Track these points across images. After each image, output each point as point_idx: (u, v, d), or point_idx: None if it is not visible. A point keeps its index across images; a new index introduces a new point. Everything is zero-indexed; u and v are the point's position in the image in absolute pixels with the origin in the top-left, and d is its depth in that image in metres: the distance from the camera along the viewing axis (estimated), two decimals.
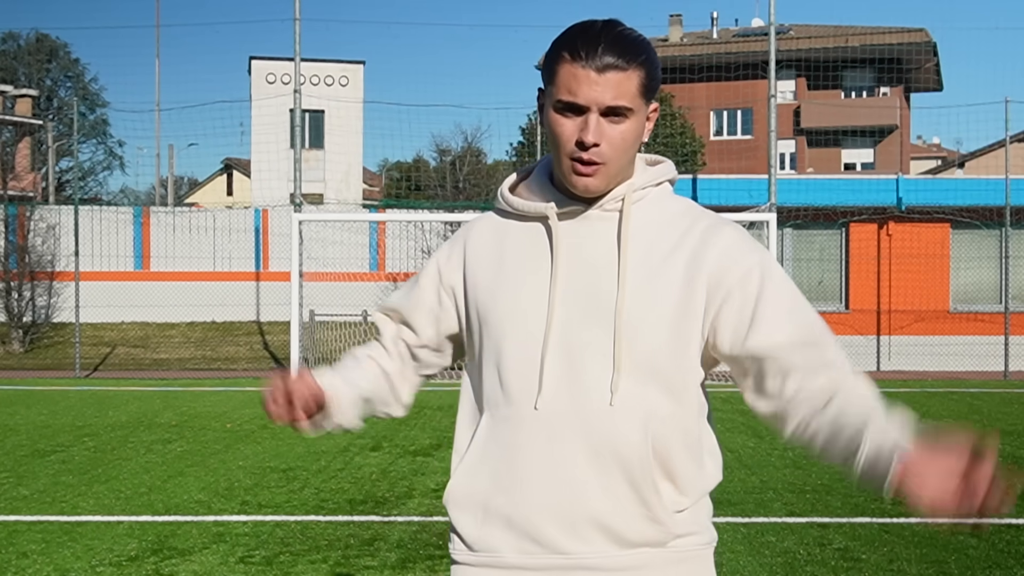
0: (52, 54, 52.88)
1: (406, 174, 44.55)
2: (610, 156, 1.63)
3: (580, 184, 1.65)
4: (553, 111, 1.64)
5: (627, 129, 1.63)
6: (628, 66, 1.61)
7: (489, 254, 1.76)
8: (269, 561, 5.29)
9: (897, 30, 40.64)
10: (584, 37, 1.62)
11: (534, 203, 1.73)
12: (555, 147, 1.66)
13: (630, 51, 1.61)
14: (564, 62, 1.62)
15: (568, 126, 1.63)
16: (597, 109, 1.61)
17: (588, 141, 1.61)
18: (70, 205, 20.62)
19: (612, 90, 1.60)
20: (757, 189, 16.18)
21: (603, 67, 1.59)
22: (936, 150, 63.49)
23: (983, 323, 16.96)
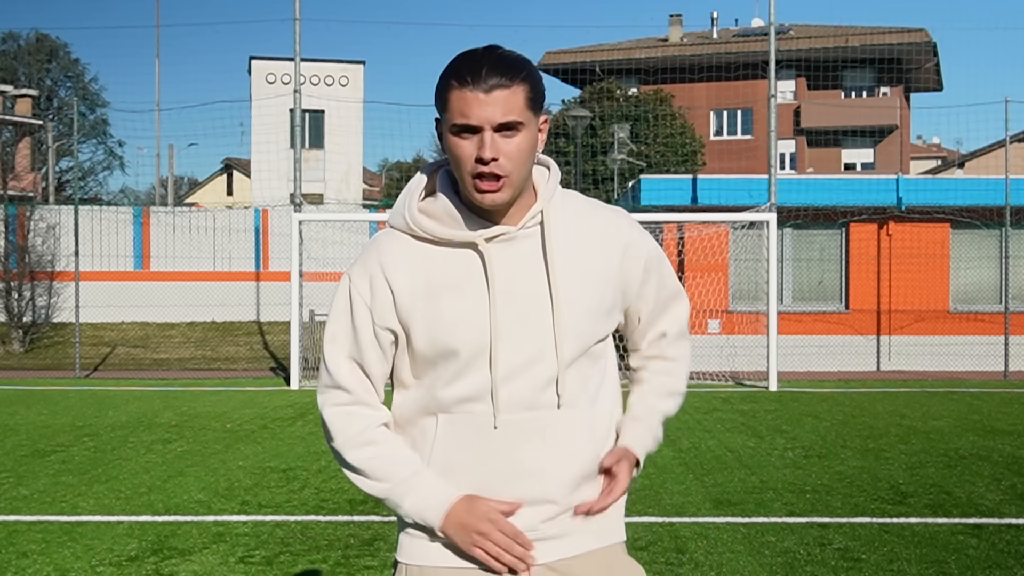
0: (52, 54, 52.86)
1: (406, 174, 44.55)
2: (509, 168, 1.75)
3: (487, 200, 1.76)
4: (451, 135, 1.76)
5: (521, 141, 1.75)
6: (512, 83, 1.73)
7: (414, 283, 1.83)
8: (269, 561, 5.29)
9: (897, 30, 40.64)
10: (468, 64, 1.74)
11: (460, 232, 1.82)
12: (457, 167, 1.77)
13: (512, 69, 1.74)
14: (453, 89, 1.74)
15: (466, 147, 1.75)
16: (490, 126, 1.73)
17: (487, 156, 1.72)
18: (70, 205, 20.62)
19: (500, 107, 1.72)
20: (757, 189, 16.17)
21: (489, 88, 1.72)
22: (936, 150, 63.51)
23: (983, 323, 16.96)
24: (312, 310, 16.53)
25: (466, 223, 1.82)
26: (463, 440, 1.83)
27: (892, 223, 17.18)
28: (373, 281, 1.85)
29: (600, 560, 1.90)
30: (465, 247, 1.83)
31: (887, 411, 11.55)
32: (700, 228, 16.64)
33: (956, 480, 7.43)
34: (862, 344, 17.18)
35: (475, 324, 1.80)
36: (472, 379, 1.82)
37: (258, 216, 22.75)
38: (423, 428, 1.88)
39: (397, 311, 1.84)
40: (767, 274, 14.57)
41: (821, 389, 14.09)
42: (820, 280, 17.54)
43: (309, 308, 16.17)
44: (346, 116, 34.89)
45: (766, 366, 14.35)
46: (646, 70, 41.16)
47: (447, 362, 1.82)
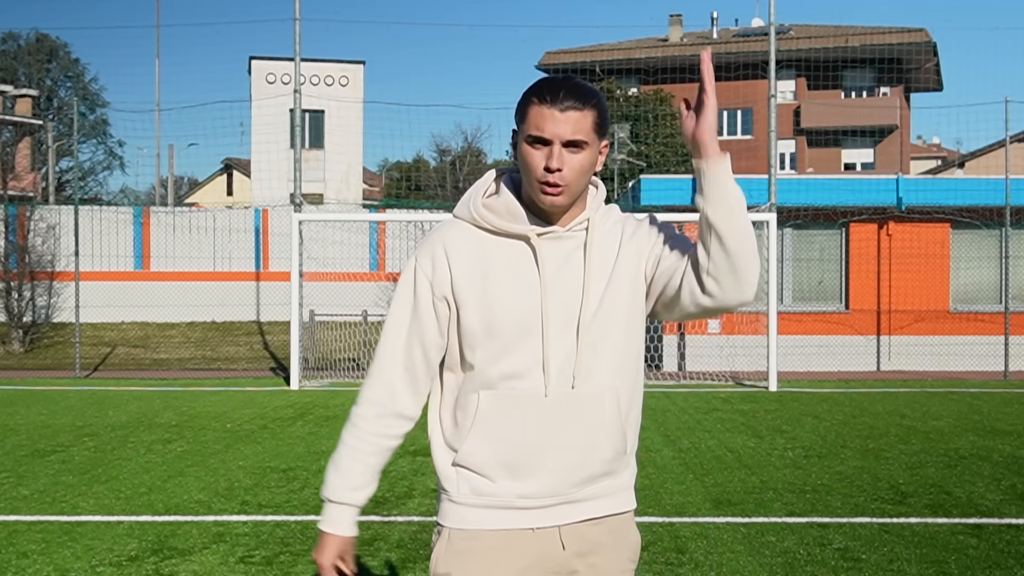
0: (52, 54, 52.86)
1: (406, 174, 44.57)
2: (570, 179, 2.02)
3: (548, 202, 2.03)
4: (525, 144, 2.03)
5: (584, 158, 2.02)
6: (584, 107, 2.01)
7: (474, 266, 2.08)
8: (269, 561, 5.29)
9: (897, 30, 40.64)
10: (549, 86, 2.02)
11: (512, 224, 2.09)
12: (526, 173, 2.04)
13: (585, 96, 2.02)
14: (533, 105, 2.02)
15: (537, 156, 2.01)
16: (559, 141, 2.00)
17: (553, 166, 1.99)
18: (70, 205, 20.62)
19: (571, 126, 2.00)
20: (757, 189, 16.17)
21: (564, 107, 1.99)
22: (936, 150, 63.49)
23: (983, 323, 16.96)
24: (312, 310, 16.53)
25: (522, 220, 2.09)
26: (507, 413, 2.05)
27: (892, 223, 17.18)
28: (435, 259, 2.10)
29: (612, 526, 2.16)
30: (519, 239, 2.09)
31: (887, 411, 11.55)
32: None
33: (956, 480, 7.43)
34: (862, 344, 17.18)
35: (525, 304, 2.05)
36: (519, 356, 2.05)
37: (258, 216, 22.75)
38: (466, 405, 2.09)
39: (453, 286, 2.08)
40: (767, 274, 14.57)
41: (821, 389, 14.09)
42: (820, 280, 17.54)
43: (309, 308, 16.16)
44: (346, 116, 34.90)
45: (766, 366, 14.35)
46: (646, 70, 41.16)
47: (495, 339, 2.05)
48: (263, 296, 22.19)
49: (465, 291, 2.07)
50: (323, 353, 16.71)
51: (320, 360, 16.34)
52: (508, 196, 2.11)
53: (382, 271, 22.19)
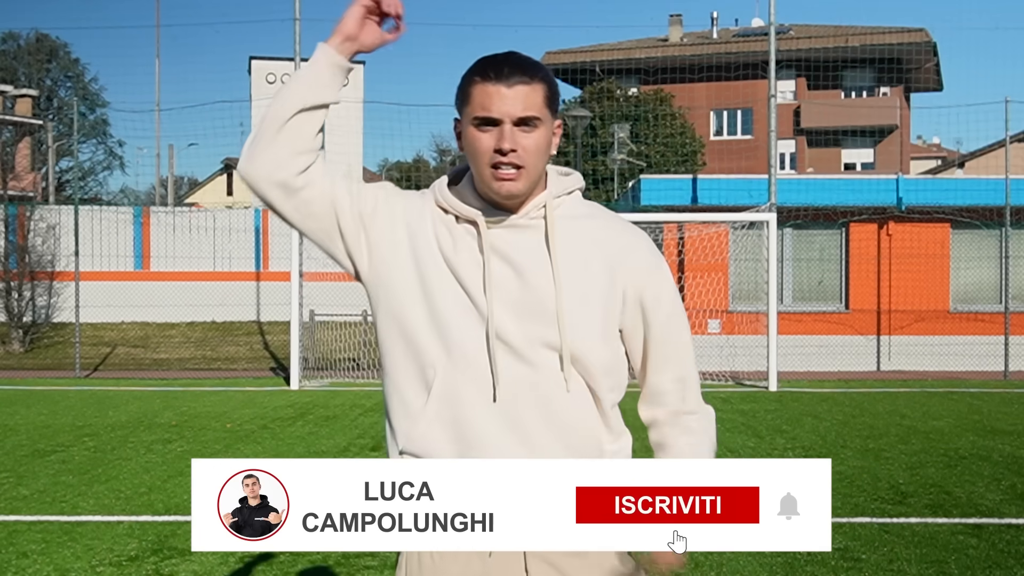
0: (52, 54, 52.83)
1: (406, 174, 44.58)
2: (527, 160, 1.82)
3: (503, 189, 1.83)
4: (471, 128, 1.83)
5: (538, 136, 1.83)
6: (532, 80, 1.82)
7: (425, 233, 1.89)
8: (269, 561, 5.29)
9: (897, 30, 40.63)
10: (491, 62, 1.84)
11: (466, 207, 1.89)
12: (476, 159, 1.84)
13: (532, 68, 1.83)
14: (476, 84, 1.83)
15: (485, 139, 1.82)
16: (510, 120, 1.80)
17: (506, 147, 1.80)
18: (70, 205, 20.62)
19: (521, 102, 1.81)
20: (757, 189, 16.17)
21: (511, 83, 1.80)
22: (936, 150, 63.46)
23: (983, 323, 16.96)
24: (312, 310, 16.53)
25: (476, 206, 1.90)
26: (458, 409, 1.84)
27: (892, 223, 17.19)
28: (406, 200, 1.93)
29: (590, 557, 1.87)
30: (469, 223, 1.89)
31: (887, 411, 11.55)
32: (700, 228, 16.64)
33: (956, 480, 7.43)
34: (862, 344, 17.18)
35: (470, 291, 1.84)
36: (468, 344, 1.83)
37: (258, 216, 22.75)
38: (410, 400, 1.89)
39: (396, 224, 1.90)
40: (767, 274, 14.57)
41: (821, 389, 14.09)
42: (820, 280, 17.54)
43: (309, 308, 16.17)
44: (346, 116, 34.86)
45: (766, 366, 14.35)
46: (646, 70, 41.14)
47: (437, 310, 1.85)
48: (263, 296, 22.19)
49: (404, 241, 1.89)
50: (323, 353, 16.71)
51: (320, 360, 16.33)
52: (467, 184, 1.93)
53: None
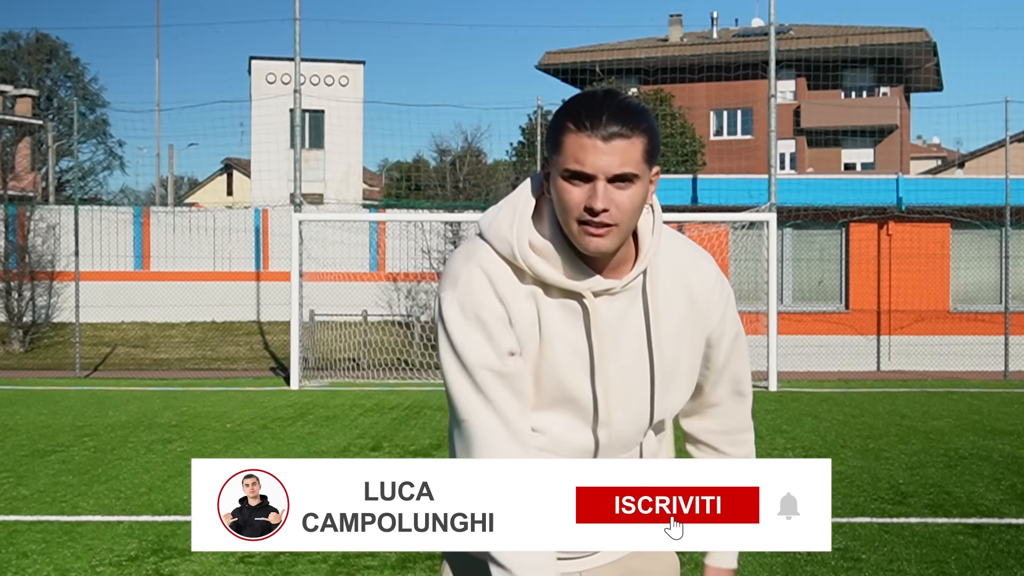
0: (52, 54, 52.83)
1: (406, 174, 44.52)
2: (619, 219, 1.68)
3: (592, 245, 1.69)
4: (561, 179, 1.68)
5: (634, 193, 1.68)
6: (632, 134, 1.65)
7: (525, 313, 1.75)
8: (269, 561, 5.28)
9: (897, 30, 40.62)
10: (588, 107, 1.65)
11: (564, 279, 1.74)
12: (564, 213, 1.70)
13: (633, 119, 1.66)
14: (570, 132, 1.66)
15: (576, 194, 1.67)
16: (604, 177, 1.65)
17: (598, 207, 1.65)
18: (70, 205, 20.61)
19: (618, 158, 1.64)
20: (757, 189, 16.17)
21: (608, 136, 1.63)
22: (936, 150, 63.45)
23: (983, 323, 16.96)
24: (312, 310, 16.53)
25: (568, 267, 1.75)
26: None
27: (892, 223, 17.18)
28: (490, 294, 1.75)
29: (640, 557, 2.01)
30: (571, 297, 1.76)
31: (887, 411, 11.55)
32: (700, 228, 16.64)
33: (956, 480, 7.43)
34: (862, 344, 17.18)
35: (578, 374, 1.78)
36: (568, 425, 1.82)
37: (258, 216, 22.75)
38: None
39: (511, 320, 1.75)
40: (767, 274, 14.57)
41: (821, 389, 14.09)
42: (820, 280, 17.53)
43: (309, 308, 16.17)
44: (346, 116, 34.88)
45: (766, 366, 14.35)
46: (646, 70, 41.13)
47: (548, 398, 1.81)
48: (263, 296, 22.19)
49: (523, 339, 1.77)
50: (323, 353, 16.71)
51: (320, 360, 16.33)
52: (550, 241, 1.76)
53: (382, 271, 22.16)
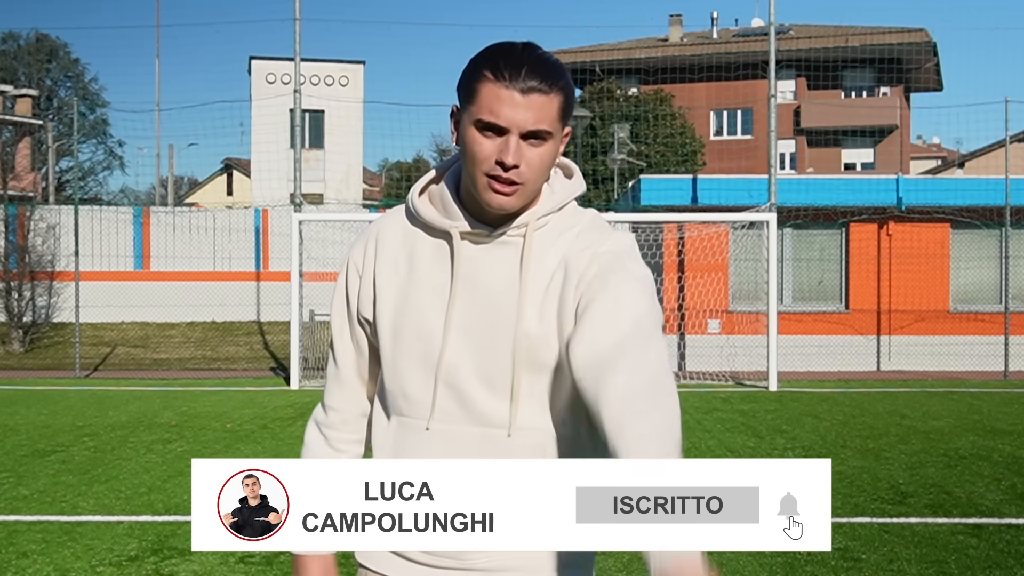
0: (52, 54, 52.87)
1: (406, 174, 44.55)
2: (528, 177, 1.62)
3: (495, 202, 1.63)
4: (473, 129, 1.62)
5: (545, 152, 1.62)
6: (550, 90, 1.60)
7: (398, 262, 1.75)
8: (269, 561, 5.29)
9: (897, 30, 40.64)
10: (507, 58, 1.60)
11: (440, 219, 1.72)
12: (472, 164, 1.63)
13: (552, 75, 1.60)
14: (487, 81, 1.60)
15: (487, 146, 1.61)
16: (518, 132, 1.60)
17: (509, 163, 1.59)
18: (70, 205, 20.62)
19: (534, 114, 1.59)
20: (757, 189, 16.17)
21: (526, 89, 1.58)
22: (936, 150, 63.48)
23: (983, 323, 16.96)
24: (312, 310, 16.53)
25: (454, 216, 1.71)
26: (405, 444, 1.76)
27: (892, 223, 17.18)
28: (366, 253, 1.79)
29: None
30: (443, 237, 1.73)
31: (887, 411, 11.55)
32: (700, 228, 16.64)
33: (956, 480, 7.43)
34: (862, 344, 17.18)
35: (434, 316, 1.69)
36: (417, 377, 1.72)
37: (258, 216, 22.75)
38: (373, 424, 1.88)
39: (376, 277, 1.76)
40: (767, 274, 14.57)
41: (821, 389, 14.09)
42: (820, 280, 17.54)
43: (309, 308, 16.17)
44: (346, 116, 34.89)
45: (766, 366, 14.35)
46: (646, 70, 41.14)
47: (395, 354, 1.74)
48: (263, 296, 22.19)
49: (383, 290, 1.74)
50: (323, 353, 16.70)
51: (320, 360, 16.32)
52: (444, 188, 1.74)
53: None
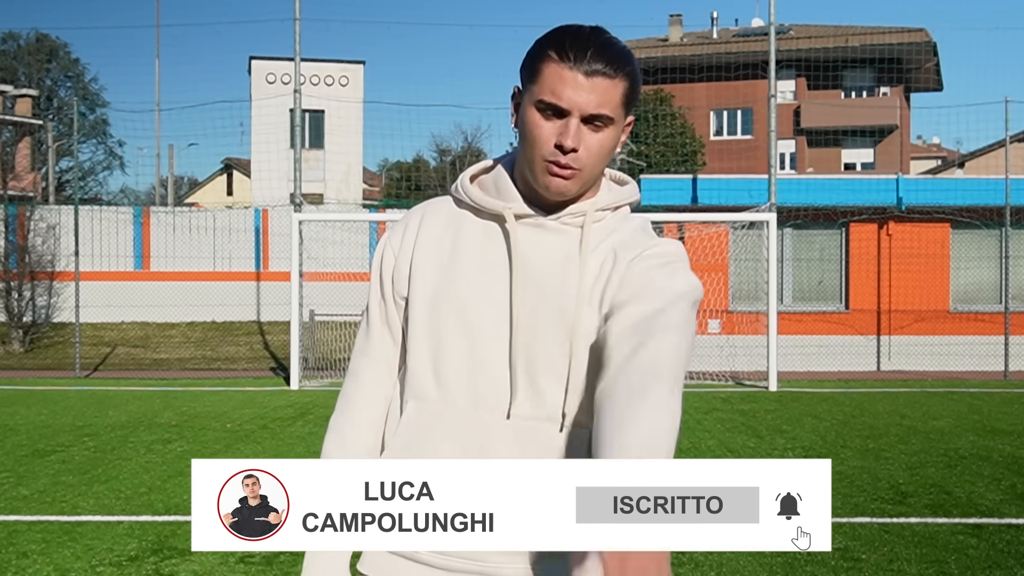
0: (52, 54, 52.87)
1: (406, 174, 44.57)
2: (587, 163, 1.59)
3: (554, 185, 1.60)
4: (534, 109, 1.59)
5: (606, 138, 1.59)
6: (615, 74, 1.56)
7: (441, 243, 1.69)
8: (269, 561, 5.29)
9: (897, 30, 40.64)
10: (574, 39, 1.57)
11: (492, 200, 1.67)
12: (530, 147, 1.60)
13: (618, 59, 1.57)
14: (551, 62, 1.57)
15: (547, 128, 1.58)
16: (579, 114, 1.56)
17: (568, 146, 1.56)
18: (70, 205, 20.62)
19: (597, 97, 1.56)
20: (757, 189, 16.17)
21: (591, 72, 1.55)
22: (936, 150, 63.48)
23: (983, 323, 16.96)
24: (312, 310, 16.53)
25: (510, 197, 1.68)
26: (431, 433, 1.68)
27: (892, 223, 17.18)
28: (405, 232, 1.74)
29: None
30: (494, 220, 1.68)
31: (887, 411, 11.55)
32: (700, 228, 16.64)
33: (956, 480, 7.43)
34: (862, 344, 17.18)
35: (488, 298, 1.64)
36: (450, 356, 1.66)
37: (258, 216, 22.76)
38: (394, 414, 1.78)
39: (413, 258, 1.70)
40: (767, 274, 14.57)
41: (821, 389, 14.09)
42: (820, 280, 17.54)
43: (309, 308, 16.17)
44: (346, 116, 34.90)
45: (766, 366, 14.35)
46: (646, 70, 41.13)
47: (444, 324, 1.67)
48: (263, 296, 22.20)
49: (421, 270, 1.69)
50: (323, 353, 16.71)
51: (320, 360, 16.33)
52: (500, 171, 1.71)
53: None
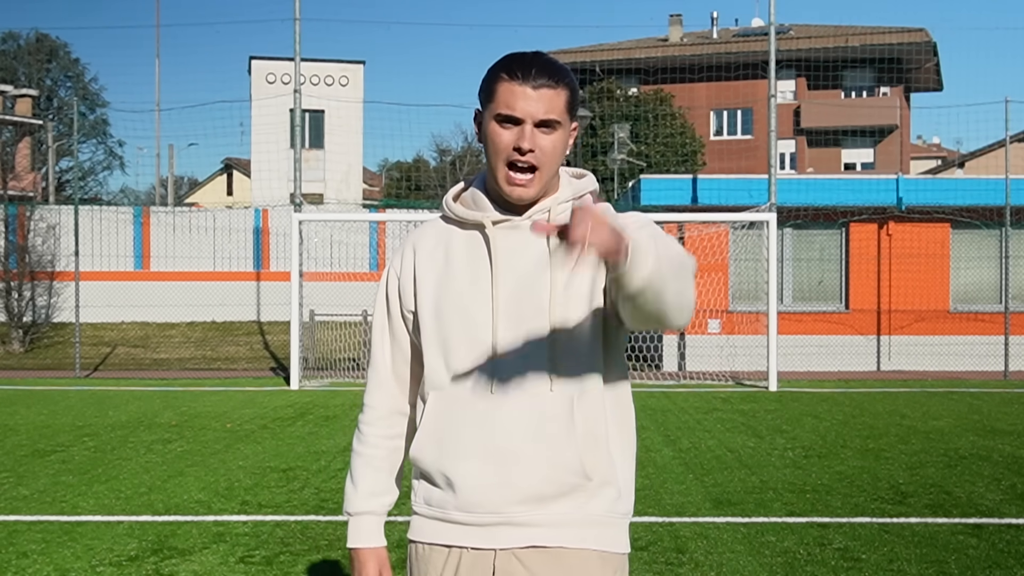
0: (52, 54, 52.88)
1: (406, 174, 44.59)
2: (543, 161, 1.88)
3: (515, 193, 1.90)
4: (494, 123, 1.89)
5: (556, 139, 1.89)
6: (557, 85, 1.88)
7: (435, 257, 2.00)
8: (269, 561, 5.29)
9: (897, 30, 40.63)
10: (519, 62, 1.89)
11: (472, 212, 1.98)
12: (494, 154, 1.91)
13: (559, 73, 1.89)
14: (503, 81, 1.88)
15: (506, 136, 1.88)
16: (531, 121, 1.87)
17: (524, 147, 1.86)
18: (70, 205, 20.62)
19: (545, 105, 1.87)
20: (757, 189, 16.17)
21: (537, 85, 1.86)
22: (936, 150, 63.49)
23: (983, 323, 16.96)
24: (312, 310, 16.53)
25: (485, 208, 1.97)
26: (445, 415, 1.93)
27: (892, 223, 17.18)
28: (404, 259, 2.05)
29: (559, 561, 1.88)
30: (476, 229, 1.98)
31: (887, 411, 11.55)
32: (700, 228, 16.64)
33: (956, 480, 7.43)
34: (862, 344, 17.18)
35: (477, 297, 1.93)
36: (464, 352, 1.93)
37: (258, 216, 22.75)
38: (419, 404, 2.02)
39: (416, 276, 2.01)
40: (767, 274, 14.56)
41: (821, 389, 14.09)
42: (820, 280, 17.54)
43: (309, 308, 16.17)
44: (346, 116, 34.90)
45: (766, 366, 14.35)
46: (646, 70, 41.14)
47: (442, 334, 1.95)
48: (263, 296, 22.20)
49: (423, 284, 1.98)
50: (323, 353, 16.71)
51: (320, 360, 16.33)
52: (474, 189, 2.02)
53: (382, 271, 22.17)
